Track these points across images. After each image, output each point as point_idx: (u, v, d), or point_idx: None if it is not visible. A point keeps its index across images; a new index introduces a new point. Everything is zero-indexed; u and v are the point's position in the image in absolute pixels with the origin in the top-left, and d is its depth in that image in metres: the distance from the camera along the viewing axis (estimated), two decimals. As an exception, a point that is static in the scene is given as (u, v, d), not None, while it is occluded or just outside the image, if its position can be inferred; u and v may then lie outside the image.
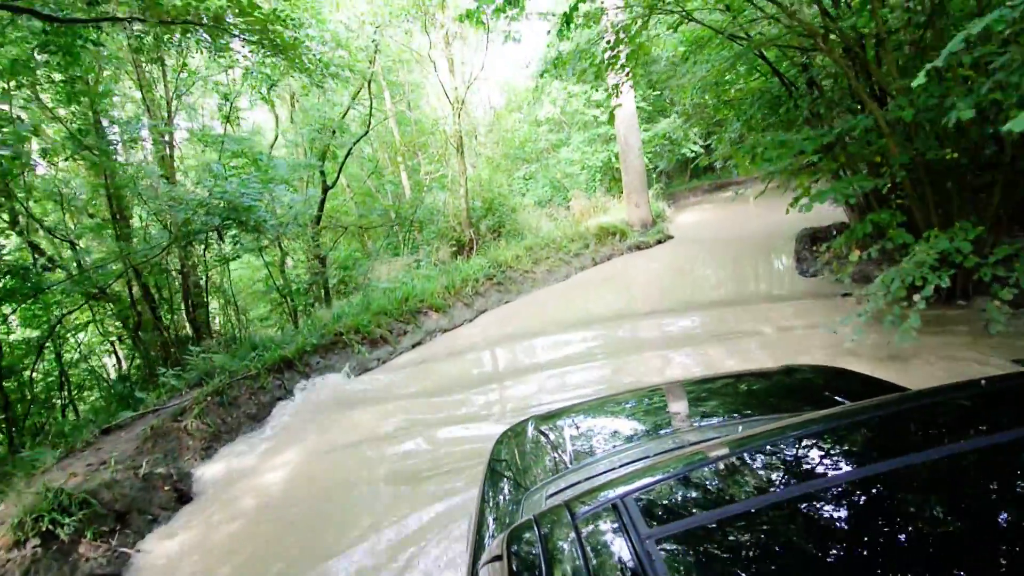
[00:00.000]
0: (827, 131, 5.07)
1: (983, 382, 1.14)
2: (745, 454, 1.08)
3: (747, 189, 24.67)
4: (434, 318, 8.13)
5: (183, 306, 9.42)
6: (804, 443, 1.08)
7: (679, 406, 2.08)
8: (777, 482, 0.98)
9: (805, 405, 1.79)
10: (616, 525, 0.89)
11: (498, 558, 1.00)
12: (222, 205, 6.57)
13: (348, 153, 12.28)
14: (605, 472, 1.49)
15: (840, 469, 0.98)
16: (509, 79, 21.60)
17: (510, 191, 15.31)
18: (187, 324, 9.33)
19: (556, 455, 1.82)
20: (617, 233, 12.23)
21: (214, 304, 12.12)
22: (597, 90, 19.15)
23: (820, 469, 1.00)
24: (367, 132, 12.03)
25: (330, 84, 13.66)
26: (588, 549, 0.87)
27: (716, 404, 2.05)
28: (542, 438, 1.97)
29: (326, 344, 6.83)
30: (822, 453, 1.05)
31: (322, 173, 12.46)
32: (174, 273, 8.98)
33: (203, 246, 8.56)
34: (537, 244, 11.03)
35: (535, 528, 0.99)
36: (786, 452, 1.07)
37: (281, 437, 5.14)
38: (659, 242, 12.43)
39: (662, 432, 1.84)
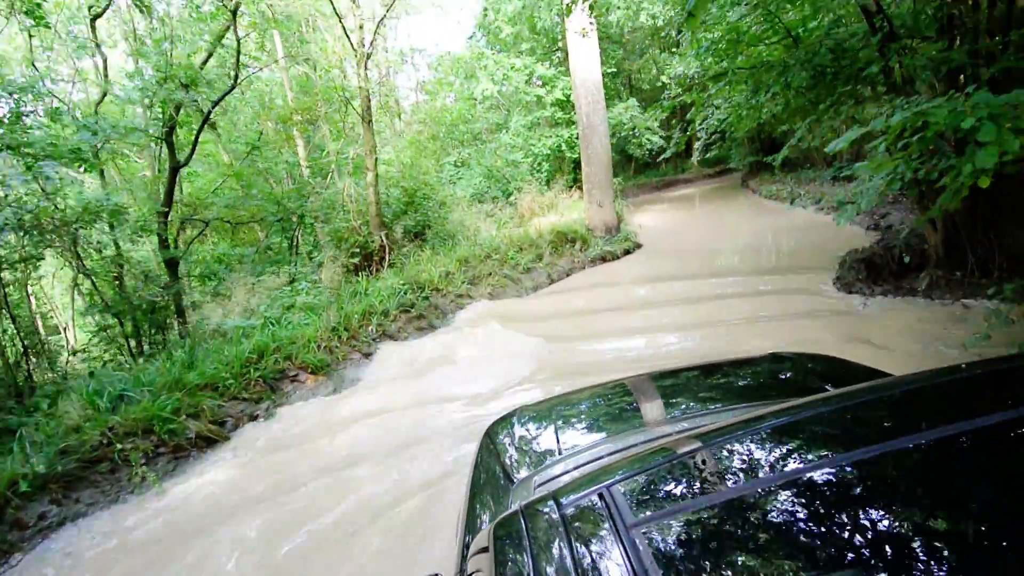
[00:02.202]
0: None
1: (963, 366, 1.14)
2: (730, 442, 1.06)
3: (695, 188, 22.95)
4: (309, 385, 4.96)
5: None
6: (789, 430, 1.07)
7: (666, 395, 2.01)
8: (762, 470, 0.96)
9: (790, 392, 1.79)
10: (602, 515, 0.88)
11: (485, 549, 0.98)
12: None
13: (206, 118, 8.64)
14: (592, 462, 1.47)
15: (825, 456, 0.96)
16: (440, 45, 18.37)
17: (439, 180, 12.14)
18: None
19: (544, 445, 1.79)
20: (577, 240, 9.47)
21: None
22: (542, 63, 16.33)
23: (805, 456, 0.98)
24: (233, 87, 8.45)
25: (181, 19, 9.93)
26: (574, 539, 0.87)
27: (702, 392, 1.98)
28: (530, 428, 1.93)
29: (75, 469, 3.52)
30: (807, 440, 1.05)
31: (168, 144, 8.76)
32: None
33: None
34: (475, 255, 8.03)
35: (521, 519, 0.97)
36: (771, 440, 1.05)
37: None
38: (627, 252, 9.81)
39: (648, 421, 1.80)
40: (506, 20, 16.65)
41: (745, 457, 1.01)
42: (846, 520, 0.77)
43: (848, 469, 0.88)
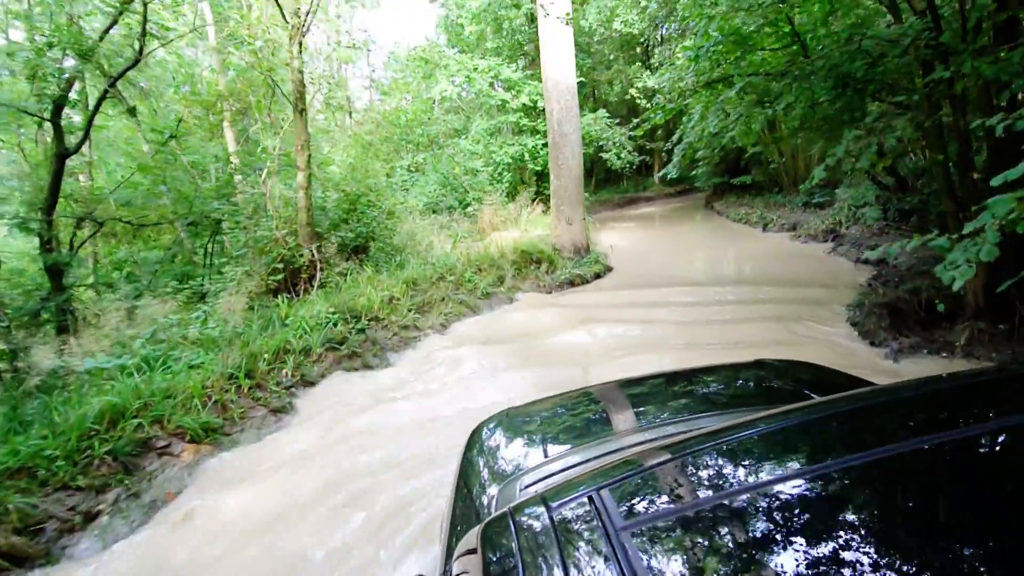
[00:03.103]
0: None
1: (944, 376, 1.14)
2: (717, 448, 1.05)
3: (658, 207, 22.42)
4: (185, 458, 3.60)
5: None
6: (775, 437, 1.07)
7: (653, 400, 1.99)
8: (748, 475, 0.95)
9: (775, 399, 1.78)
10: (591, 517, 0.87)
11: (473, 551, 0.96)
12: None
13: (102, 97, 7.09)
14: (580, 464, 1.45)
15: (809, 462, 0.97)
16: (405, 42, 17.09)
17: (388, 185, 10.83)
18: None
19: (531, 447, 1.73)
20: (543, 261, 8.39)
21: None
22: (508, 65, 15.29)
23: (790, 462, 0.99)
24: (137, 61, 6.94)
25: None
26: (563, 542, 0.85)
27: (689, 398, 1.96)
28: (517, 430, 1.87)
29: None
30: (792, 447, 1.04)
31: (55, 126, 7.15)
32: None
33: None
34: (425, 276, 6.80)
35: (510, 521, 0.95)
36: (757, 446, 1.05)
37: None
38: (598, 276, 8.80)
39: (636, 425, 1.77)
40: (469, 18, 15.54)
41: (734, 462, 1.00)
42: (831, 526, 0.77)
43: (835, 476, 0.87)
